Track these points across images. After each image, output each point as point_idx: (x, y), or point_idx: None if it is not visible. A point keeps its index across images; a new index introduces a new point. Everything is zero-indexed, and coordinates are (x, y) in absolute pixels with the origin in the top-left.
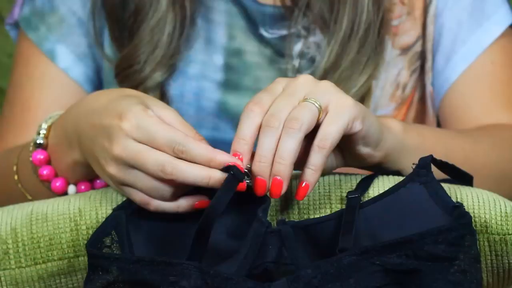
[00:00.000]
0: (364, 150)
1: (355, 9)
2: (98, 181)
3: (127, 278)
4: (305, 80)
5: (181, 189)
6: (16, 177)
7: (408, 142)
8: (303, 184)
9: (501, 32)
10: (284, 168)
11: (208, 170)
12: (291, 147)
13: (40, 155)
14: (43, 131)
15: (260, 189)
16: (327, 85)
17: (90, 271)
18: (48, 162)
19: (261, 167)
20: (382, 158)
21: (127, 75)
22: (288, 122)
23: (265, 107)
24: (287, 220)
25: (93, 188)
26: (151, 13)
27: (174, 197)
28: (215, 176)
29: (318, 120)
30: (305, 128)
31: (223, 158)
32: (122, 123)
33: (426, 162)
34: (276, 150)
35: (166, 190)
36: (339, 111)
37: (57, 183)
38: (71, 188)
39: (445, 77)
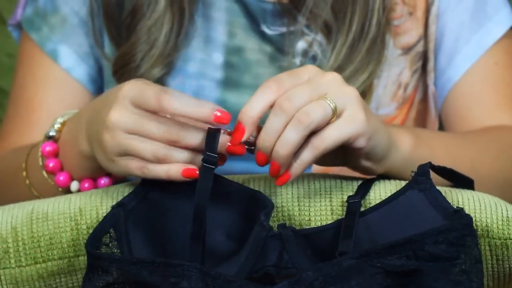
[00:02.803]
0: (365, 164)
1: (365, 11)
2: (102, 181)
3: (127, 279)
4: (333, 79)
5: (174, 153)
6: (24, 173)
7: (416, 157)
8: (286, 174)
9: (503, 33)
10: (281, 157)
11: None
12: (293, 139)
13: (49, 147)
14: (57, 125)
15: (260, 162)
16: (351, 91)
17: (89, 270)
18: (56, 155)
19: (264, 146)
20: (383, 172)
21: (124, 72)
22: (299, 114)
23: (284, 88)
24: (288, 224)
25: (96, 187)
26: (149, 12)
27: (167, 160)
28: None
29: (329, 121)
30: (313, 127)
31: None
32: (121, 88)
33: (425, 169)
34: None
35: (160, 149)
36: (349, 121)
37: (61, 177)
38: (74, 184)
39: (447, 77)
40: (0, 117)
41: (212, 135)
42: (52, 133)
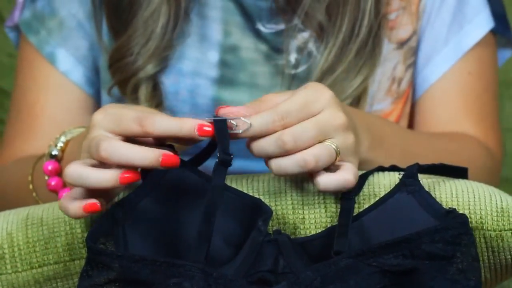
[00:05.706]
0: None
1: (356, 13)
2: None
3: (128, 277)
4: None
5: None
6: (31, 186)
7: (371, 159)
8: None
9: (481, 37)
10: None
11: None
12: (288, 170)
13: (50, 166)
14: (60, 144)
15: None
16: (351, 138)
17: (89, 266)
18: (57, 173)
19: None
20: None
21: (120, 66)
22: (307, 156)
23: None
24: (282, 222)
25: None
26: (145, 4)
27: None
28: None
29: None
30: (314, 170)
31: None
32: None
33: (413, 171)
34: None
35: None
36: (345, 173)
37: (64, 193)
38: None
39: (424, 76)
40: (1, 117)
41: (222, 134)
42: (54, 152)
